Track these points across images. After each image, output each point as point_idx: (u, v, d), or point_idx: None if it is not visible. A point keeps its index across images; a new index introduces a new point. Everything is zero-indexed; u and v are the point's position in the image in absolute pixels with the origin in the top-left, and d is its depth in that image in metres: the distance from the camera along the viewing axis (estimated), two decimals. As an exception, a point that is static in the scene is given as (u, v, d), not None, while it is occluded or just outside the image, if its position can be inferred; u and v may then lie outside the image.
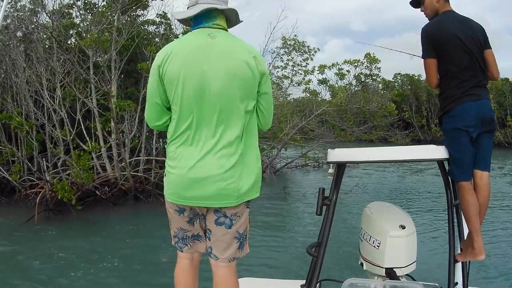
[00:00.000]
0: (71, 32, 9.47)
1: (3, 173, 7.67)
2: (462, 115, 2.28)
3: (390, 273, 2.24)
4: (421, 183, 11.58)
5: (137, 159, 8.66)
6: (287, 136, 11.29)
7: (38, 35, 8.64)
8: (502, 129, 20.84)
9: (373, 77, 16.13)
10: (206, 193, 1.81)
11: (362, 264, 2.41)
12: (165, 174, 1.94)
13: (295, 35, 12.90)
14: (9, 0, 7.79)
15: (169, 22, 10.31)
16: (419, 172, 13.39)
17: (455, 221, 2.36)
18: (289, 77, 13.85)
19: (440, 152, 2.28)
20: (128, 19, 9.22)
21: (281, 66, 13.75)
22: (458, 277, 2.31)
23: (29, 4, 9.12)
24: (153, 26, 10.47)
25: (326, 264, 2.47)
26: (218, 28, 1.88)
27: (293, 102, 15.61)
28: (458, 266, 2.31)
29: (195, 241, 2.00)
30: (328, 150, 2.35)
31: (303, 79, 14.24)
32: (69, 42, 9.23)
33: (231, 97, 1.80)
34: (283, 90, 13.95)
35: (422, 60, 2.42)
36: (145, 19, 10.12)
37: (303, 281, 2.43)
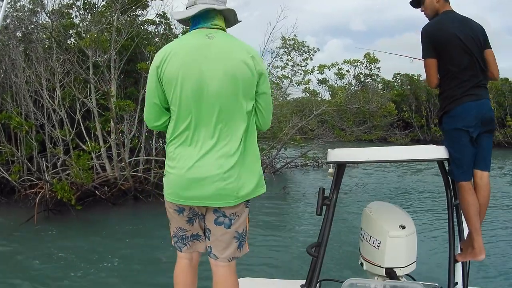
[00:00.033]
0: (71, 32, 9.45)
1: (3, 173, 7.66)
2: (462, 115, 2.28)
3: (390, 273, 2.24)
4: (421, 183, 11.58)
5: (136, 159, 8.65)
6: (287, 136, 11.27)
7: (37, 35, 8.63)
8: (502, 129, 20.84)
9: (373, 77, 16.06)
10: (205, 193, 1.81)
11: (362, 264, 2.41)
12: (164, 174, 1.95)
13: (294, 35, 12.94)
14: (9, 0, 7.77)
15: (168, 22, 10.29)
16: (419, 172, 13.38)
17: (455, 221, 2.36)
18: (289, 77, 13.86)
19: (440, 152, 2.28)
20: (128, 19, 9.23)
21: (281, 66, 13.78)
22: (458, 277, 2.31)
23: (28, 4, 9.13)
24: (153, 26, 10.46)
25: (326, 264, 2.47)
26: (216, 29, 1.88)
27: (292, 102, 15.58)
28: (458, 266, 2.32)
29: (194, 241, 2.00)
30: (328, 150, 2.35)
31: (303, 79, 14.21)
32: (68, 42, 9.23)
33: (229, 97, 1.80)
34: (282, 90, 13.96)
35: (422, 61, 2.42)
36: (145, 19, 10.13)
37: (303, 281, 2.42)
